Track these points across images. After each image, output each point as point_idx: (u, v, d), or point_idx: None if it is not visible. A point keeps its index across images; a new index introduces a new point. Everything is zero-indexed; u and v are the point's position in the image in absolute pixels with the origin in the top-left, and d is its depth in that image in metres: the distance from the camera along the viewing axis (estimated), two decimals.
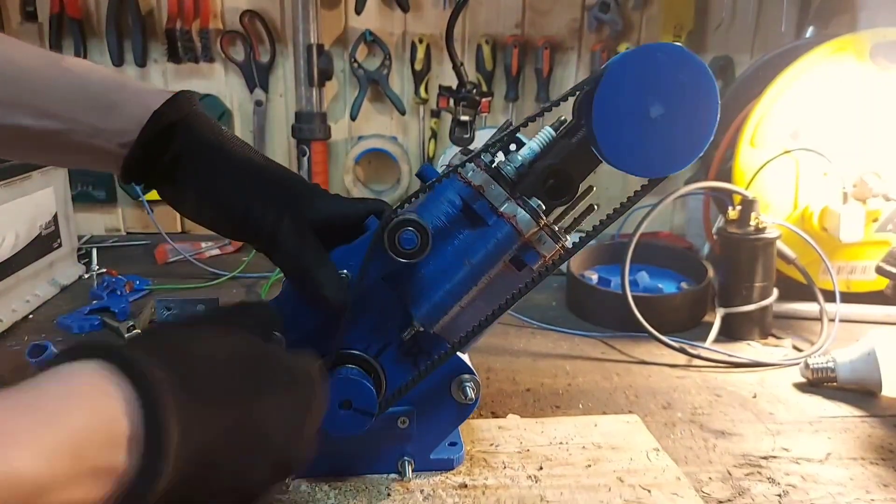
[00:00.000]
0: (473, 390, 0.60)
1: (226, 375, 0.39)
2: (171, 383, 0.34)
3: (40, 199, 1.07)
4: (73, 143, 0.52)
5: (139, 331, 0.93)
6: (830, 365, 0.83)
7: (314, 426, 0.44)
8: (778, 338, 0.99)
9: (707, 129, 0.50)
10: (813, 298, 1.01)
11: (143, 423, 0.32)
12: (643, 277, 1.09)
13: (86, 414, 0.31)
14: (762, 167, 1.05)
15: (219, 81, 1.45)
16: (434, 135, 1.50)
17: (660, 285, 1.07)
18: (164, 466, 0.32)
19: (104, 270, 1.16)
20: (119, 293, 1.06)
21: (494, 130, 0.58)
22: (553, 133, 0.56)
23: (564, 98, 0.53)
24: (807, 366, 0.84)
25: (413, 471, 0.62)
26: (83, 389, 0.32)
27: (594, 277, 1.10)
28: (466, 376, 0.60)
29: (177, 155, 0.53)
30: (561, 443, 0.69)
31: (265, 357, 0.42)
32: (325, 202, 0.56)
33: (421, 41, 1.44)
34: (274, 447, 0.41)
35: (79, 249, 1.22)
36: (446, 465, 0.64)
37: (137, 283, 1.11)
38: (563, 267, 1.10)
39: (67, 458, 0.29)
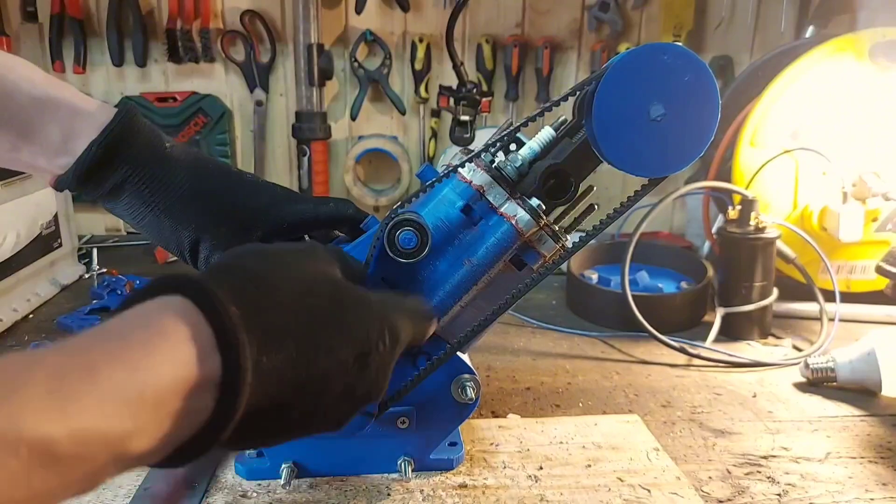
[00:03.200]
0: (473, 390, 0.60)
1: (301, 312, 0.37)
2: (248, 323, 0.33)
3: (41, 198, 1.07)
4: None
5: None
6: (830, 365, 0.83)
7: (389, 361, 0.43)
8: (778, 337, 1.00)
9: (707, 129, 0.50)
10: (813, 298, 1.01)
11: (221, 367, 0.32)
12: (643, 277, 1.09)
13: (167, 361, 0.30)
14: (762, 167, 1.06)
15: (219, 81, 1.46)
16: (434, 134, 1.50)
17: (660, 285, 1.08)
18: (237, 409, 0.32)
19: (104, 270, 1.16)
20: (119, 293, 1.06)
21: (495, 130, 0.58)
22: (553, 133, 0.56)
23: (565, 98, 0.53)
24: (806, 365, 0.84)
25: (413, 471, 0.62)
26: (164, 334, 0.31)
27: (594, 277, 1.10)
28: (466, 376, 0.60)
29: (120, 183, 0.53)
30: (561, 442, 0.69)
31: (341, 290, 0.41)
32: (288, 209, 0.56)
33: (421, 41, 1.44)
34: (346, 383, 0.40)
35: (79, 249, 1.22)
36: (446, 465, 0.64)
37: (138, 282, 1.11)
38: (564, 266, 1.11)
39: (149, 408, 0.29)
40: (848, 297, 1.04)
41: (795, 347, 0.97)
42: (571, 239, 0.57)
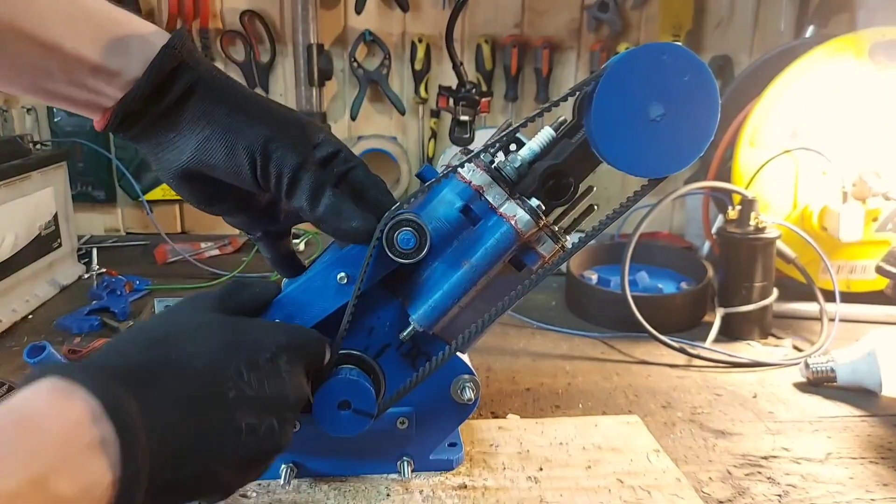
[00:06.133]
0: (473, 391, 0.60)
1: (190, 384, 0.40)
2: (139, 406, 0.36)
3: (40, 199, 1.07)
4: (68, 79, 0.47)
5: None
6: (830, 365, 0.82)
7: (289, 419, 0.46)
8: (778, 338, 0.99)
9: (707, 129, 0.50)
10: (813, 298, 1.01)
11: (116, 438, 0.33)
12: (643, 277, 1.09)
13: (51, 443, 0.32)
14: (762, 167, 1.05)
15: None
16: (434, 135, 1.50)
17: (660, 285, 1.07)
18: (139, 478, 0.34)
19: (104, 270, 1.16)
20: (119, 293, 1.06)
21: (494, 130, 0.58)
22: (553, 133, 0.56)
23: (564, 98, 0.53)
24: (807, 366, 0.84)
25: (412, 471, 0.62)
26: (44, 417, 0.33)
27: (594, 277, 1.10)
28: (466, 376, 0.60)
29: (188, 89, 0.49)
30: (561, 444, 0.69)
31: (235, 359, 0.43)
32: (327, 137, 0.55)
33: (420, 41, 1.44)
34: (241, 448, 0.42)
35: (79, 249, 1.22)
36: (446, 466, 0.64)
37: (137, 283, 1.11)
38: (563, 267, 1.10)
39: (36, 490, 0.30)
40: (848, 297, 1.04)
41: (796, 348, 0.97)
42: (571, 240, 0.57)
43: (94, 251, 1.17)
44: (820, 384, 0.84)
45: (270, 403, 0.44)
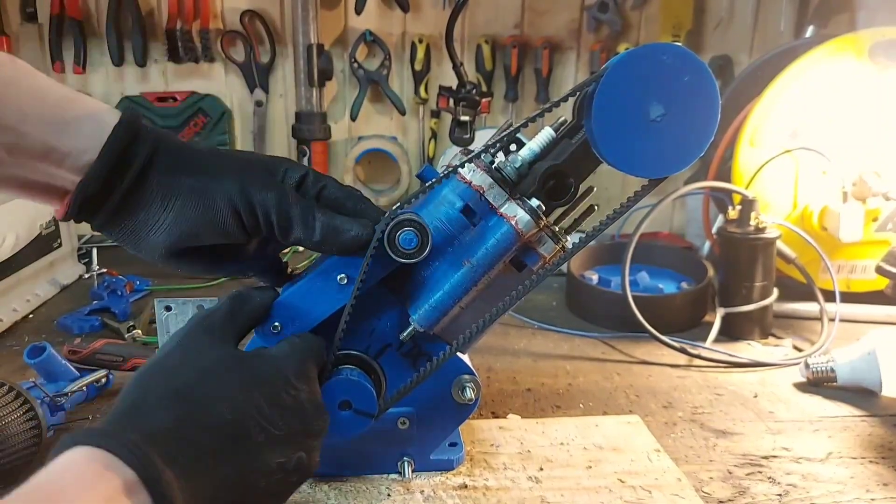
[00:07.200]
0: (473, 391, 0.60)
1: (220, 437, 0.41)
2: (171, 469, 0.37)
3: None
4: (18, 163, 0.46)
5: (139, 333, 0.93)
6: (830, 365, 0.82)
7: (316, 448, 0.47)
8: (778, 337, 1.00)
9: (707, 130, 0.50)
10: (813, 298, 1.01)
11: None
12: (643, 277, 1.09)
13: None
14: (762, 167, 1.05)
15: (219, 81, 1.45)
16: (434, 135, 1.50)
17: (660, 285, 1.07)
18: None
19: (104, 270, 1.16)
20: (119, 293, 1.06)
21: (494, 131, 0.58)
22: (553, 133, 0.56)
23: (565, 98, 0.53)
24: (807, 366, 0.84)
25: (413, 471, 0.62)
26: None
27: (594, 278, 1.10)
28: (466, 377, 0.60)
29: (149, 159, 0.48)
30: (562, 444, 0.69)
31: (253, 408, 0.43)
32: (290, 164, 0.54)
33: (421, 41, 1.44)
34: (273, 485, 0.43)
35: (79, 249, 1.22)
36: (446, 466, 0.64)
37: (138, 283, 1.11)
38: (564, 267, 1.10)
39: None
40: (848, 297, 1.04)
41: (796, 347, 0.97)
42: (571, 240, 0.57)
43: (95, 251, 1.17)
44: (820, 384, 0.84)
45: (297, 437, 0.44)
